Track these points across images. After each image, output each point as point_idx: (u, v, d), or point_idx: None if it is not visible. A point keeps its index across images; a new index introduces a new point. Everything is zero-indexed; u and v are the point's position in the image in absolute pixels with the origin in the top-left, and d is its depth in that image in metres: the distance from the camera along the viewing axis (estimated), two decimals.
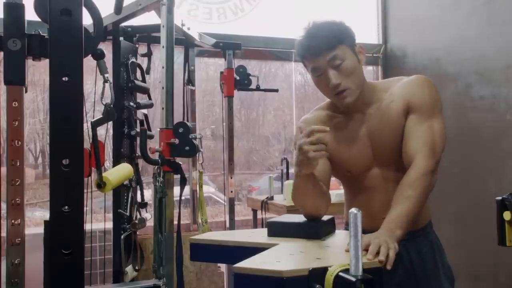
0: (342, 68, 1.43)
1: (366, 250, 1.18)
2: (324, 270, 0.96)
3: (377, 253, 1.16)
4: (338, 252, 1.21)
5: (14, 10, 1.33)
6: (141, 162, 2.44)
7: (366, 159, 1.54)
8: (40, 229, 1.06)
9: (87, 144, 1.31)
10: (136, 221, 2.34)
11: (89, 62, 1.21)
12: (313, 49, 1.44)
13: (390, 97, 1.52)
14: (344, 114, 1.58)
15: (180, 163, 1.99)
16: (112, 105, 1.40)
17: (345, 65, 1.43)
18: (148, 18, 2.33)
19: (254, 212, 3.25)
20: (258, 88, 2.92)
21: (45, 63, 1.13)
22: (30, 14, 1.23)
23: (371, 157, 1.53)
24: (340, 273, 0.92)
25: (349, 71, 1.44)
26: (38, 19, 1.14)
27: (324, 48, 1.42)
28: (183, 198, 1.99)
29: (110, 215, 2.45)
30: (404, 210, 1.32)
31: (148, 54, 2.59)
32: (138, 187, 2.41)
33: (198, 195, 2.71)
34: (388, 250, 1.16)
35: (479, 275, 3.01)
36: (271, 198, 3.03)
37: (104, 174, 1.72)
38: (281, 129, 6.06)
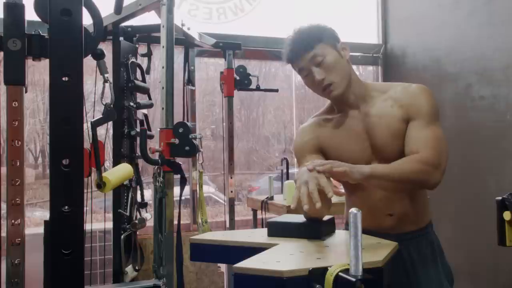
0: (324, 64, 1.50)
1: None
2: (324, 270, 0.95)
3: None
4: (338, 252, 1.21)
5: (14, 10, 1.33)
6: (141, 162, 2.44)
7: (366, 154, 1.55)
8: (40, 229, 1.05)
9: (87, 144, 1.31)
10: (136, 221, 2.34)
11: (89, 62, 1.21)
12: (294, 52, 1.53)
13: (389, 100, 1.54)
14: (340, 113, 1.60)
15: (180, 163, 1.99)
16: (112, 105, 1.40)
17: (326, 61, 1.50)
18: (148, 18, 2.33)
19: (254, 212, 3.25)
20: (258, 88, 2.92)
21: (45, 63, 1.13)
22: (30, 14, 1.24)
23: (370, 151, 1.54)
24: (340, 273, 0.92)
25: (331, 66, 1.50)
26: (38, 19, 1.14)
27: (304, 49, 1.50)
28: (183, 198, 2.00)
29: (110, 215, 2.45)
30: (388, 168, 1.38)
31: (148, 54, 2.59)
32: (138, 187, 2.41)
33: (198, 195, 2.71)
34: (336, 166, 1.27)
35: (479, 275, 3.01)
36: (271, 198, 3.03)
37: (104, 174, 1.73)
38: (281, 129, 6.05)
